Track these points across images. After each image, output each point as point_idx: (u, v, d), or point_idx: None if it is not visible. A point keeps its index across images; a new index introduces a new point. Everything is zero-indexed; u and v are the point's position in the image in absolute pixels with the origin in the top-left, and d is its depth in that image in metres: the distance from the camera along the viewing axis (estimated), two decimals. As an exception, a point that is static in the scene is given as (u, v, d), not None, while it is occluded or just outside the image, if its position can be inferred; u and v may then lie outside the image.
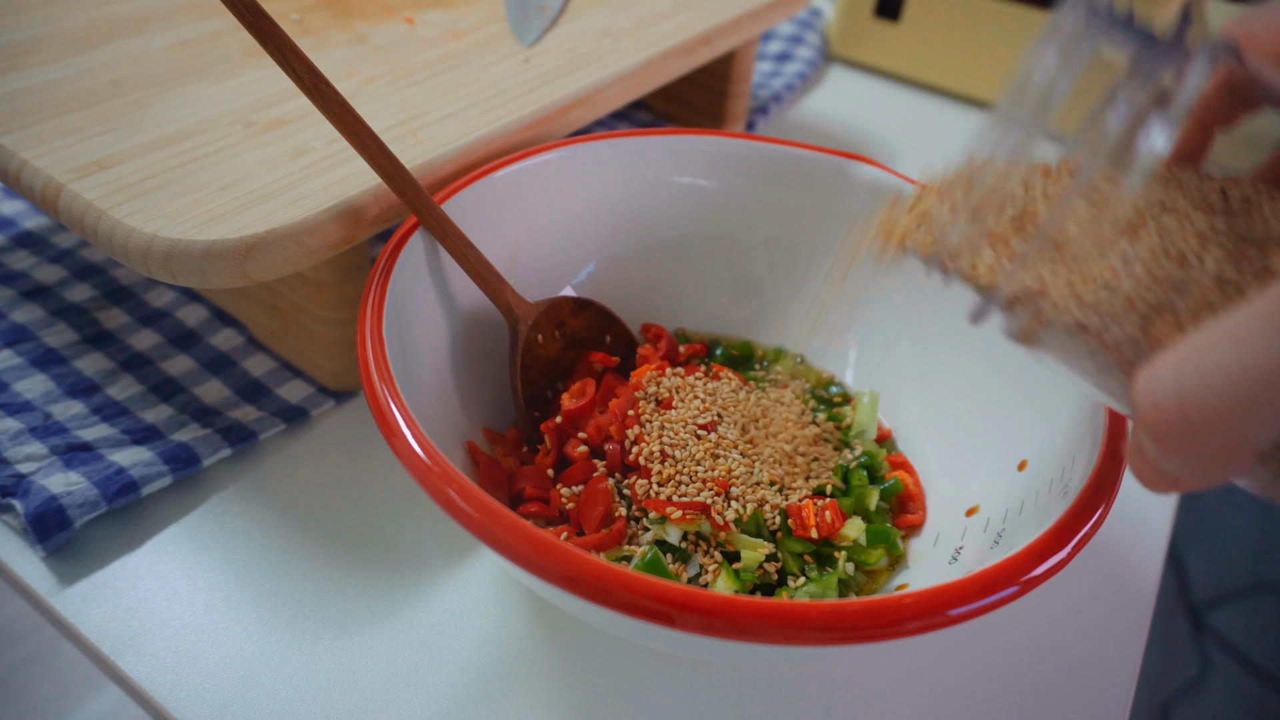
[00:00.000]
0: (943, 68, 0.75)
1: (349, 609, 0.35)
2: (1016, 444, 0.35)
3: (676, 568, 0.34)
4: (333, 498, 0.39)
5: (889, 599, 0.24)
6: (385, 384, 0.28)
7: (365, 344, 0.30)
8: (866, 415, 0.40)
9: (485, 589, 0.36)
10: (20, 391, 0.41)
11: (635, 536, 0.34)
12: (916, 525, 0.37)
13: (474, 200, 0.38)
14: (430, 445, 0.26)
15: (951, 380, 0.40)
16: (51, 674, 1.10)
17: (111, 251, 0.34)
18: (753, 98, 0.69)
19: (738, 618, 0.23)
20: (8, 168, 0.36)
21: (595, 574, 0.23)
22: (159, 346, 0.44)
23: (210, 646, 0.33)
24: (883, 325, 0.43)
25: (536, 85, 0.44)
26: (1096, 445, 0.29)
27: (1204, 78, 0.21)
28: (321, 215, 0.35)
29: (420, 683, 0.33)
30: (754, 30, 0.55)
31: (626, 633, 0.28)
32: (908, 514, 0.38)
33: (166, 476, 0.38)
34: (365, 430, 0.42)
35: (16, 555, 0.35)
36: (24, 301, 0.45)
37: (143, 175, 0.36)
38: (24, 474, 0.36)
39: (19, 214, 0.51)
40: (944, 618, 0.24)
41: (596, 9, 0.52)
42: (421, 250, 0.35)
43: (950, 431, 0.39)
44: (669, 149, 0.43)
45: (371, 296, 0.31)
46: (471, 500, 0.25)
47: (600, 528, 0.34)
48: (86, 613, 0.34)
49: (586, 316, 0.40)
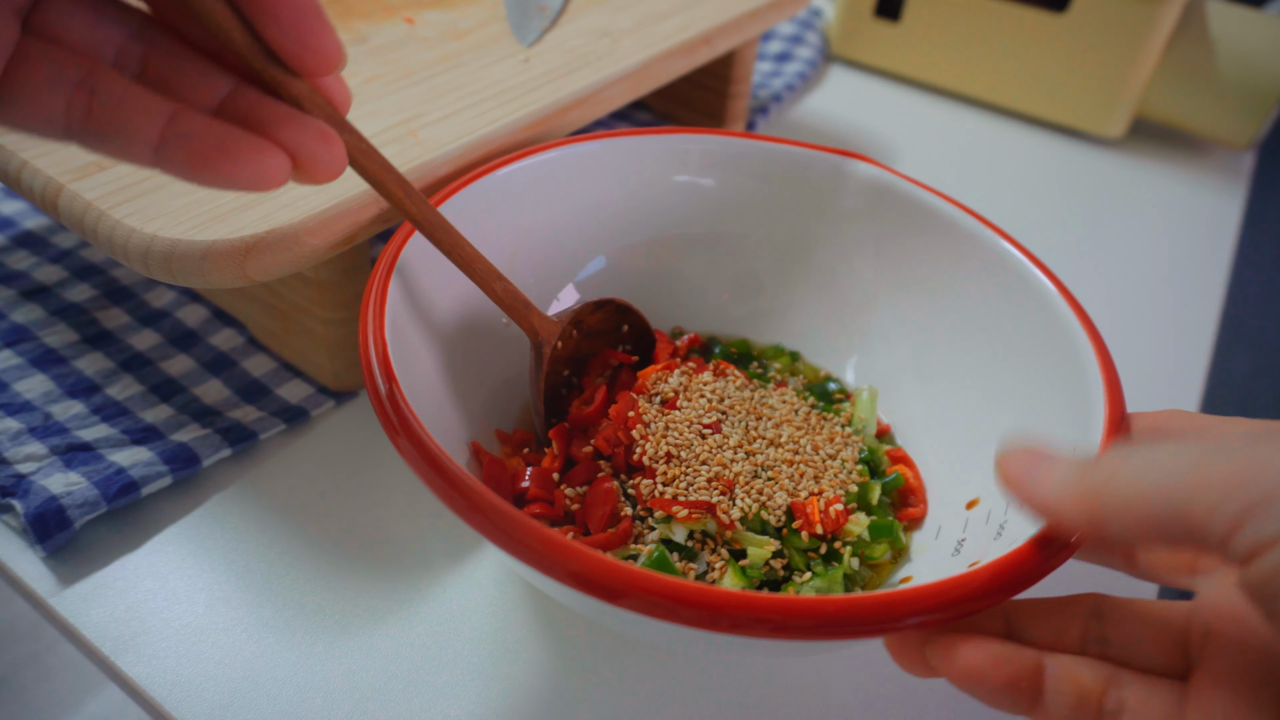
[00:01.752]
0: (943, 68, 0.75)
1: (349, 609, 0.35)
2: (1014, 433, 0.35)
3: (684, 566, 0.34)
4: (333, 498, 0.39)
5: (901, 592, 0.24)
6: (388, 382, 0.28)
7: (368, 342, 0.29)
8: (866, 410, 0.41)
9: (486, 589, 0.36)
10: (20, 391, 0.41)
11: (641, 536, 0.34)
12: (918, 518, 0.37)
13: (473, 200, 0.38)
14: (435, 443, 0.26)
15: (948, 375, 0.40)
16: (51, 674, 1.10)
17: (111, 252, 0.34)
18: (753, 98, 0.69)
19: (750, 613, 0.23)
20: (8, 168, 0.36)
21: (605, 571, 0.23)
22: (159, 346, 0.44)
23: (210, 647, 0.33)
24: (882, 323, 0.43)
25: (536, 85, 0.44)
26: (1097, 435, 0.29)
27: None
28: (322, 215, 0.35)
29: (420, 683, 0.33)
30: (754, 30, 0.55)
31: (636, 630, 0.28)
32: (909, 507, 0.38)
33: (166, 477, 0.38)
34: (365, 430, 0.42)
35: (16, 555, 0.35)
36: (24, 301, 0.45)
37: (143, 175, 0.36)
38: (24, 474, 0.36)
39: (19, 214, 0.51)
40: (956, 610, 0.24)
41: (596, 9, 0.52)
42: (423, 250, 0.35)
43: (948, 425, 0.39)
44: (666, 148, 0.43)
45: (373, 295, 0.31)
46: (478, 499, 0.25)
47: (605, 527, 0.34)
48: (86, 613, 0.34)
49: (605, 312, 0.40)
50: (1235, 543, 0.19)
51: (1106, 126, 0.71)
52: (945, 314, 0.40)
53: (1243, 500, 0.19)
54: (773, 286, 0.45)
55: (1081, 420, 0.31)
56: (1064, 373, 0.33)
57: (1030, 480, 0.24)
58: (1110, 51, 0.67)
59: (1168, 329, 0.56)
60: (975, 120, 0.74)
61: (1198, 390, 0.52)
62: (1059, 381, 0.33)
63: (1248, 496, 0.19)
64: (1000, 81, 0.73)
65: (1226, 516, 0.19)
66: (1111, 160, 0.71)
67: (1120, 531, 0.22)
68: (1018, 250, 0.37)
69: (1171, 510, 0.20)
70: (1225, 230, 0.66)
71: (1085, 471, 0.23)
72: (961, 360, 0.39)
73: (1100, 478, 0.22)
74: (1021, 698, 0.23)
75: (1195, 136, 0.74)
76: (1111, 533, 0.22)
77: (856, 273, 0.43)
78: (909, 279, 0.42)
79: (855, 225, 0.43)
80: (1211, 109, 0.68)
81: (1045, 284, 0.35)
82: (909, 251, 0.41)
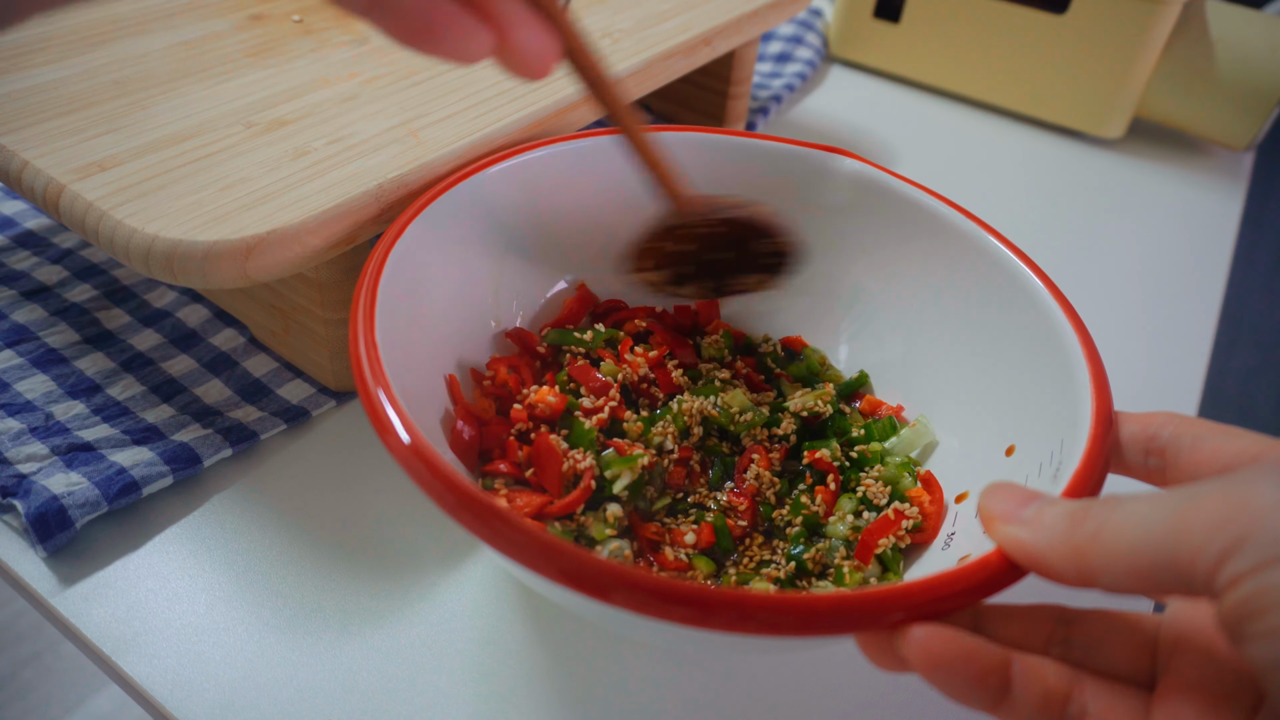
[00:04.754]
0: (943, 68, 0.75)
1: (350, 609, 0.35)
2: (1003, 429, 0.35)
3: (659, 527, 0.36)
4: (333, 498, 0.39)
5: (895, 587, 0.24)
6: (380, 386, 0.28)
7: (358, 342, 0.29)
8: (912, 438, 0.39)
9: (487, 588, 0.36)
10: (21, 392, 0.41)
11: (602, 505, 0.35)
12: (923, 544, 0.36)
13: (469, 196, 0.38)
14: (425, 442, 0.26)
15: (937, 370, 0.40)
16: (52, 674, 1.10)
17: (113, 252, 0.34)
18: (753, 98, 0.69)
19: (736, 610, 0.23)
20: (9, 168, 0.36)
21: (594, 569, 0.23)
22: (160, 347, 0.44)
23: (211, 647, 0.33)
24: (871, 320, 0.43)
25: (536, 85, 0.45)
26: (1085, 428, 0.29)
27: None
28: (323, 216, 0.35)
29: (420, 683, 0.33)
30: (754, 31, 0.56)
31: (626, 628, 0.28)
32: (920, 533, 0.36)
33: (167, 477, 0.38)
34: (366, 430, 0.42)
35: (17, 555, 0.35)
36: (25, 302, 0.45)
37: (144, 176, 0.36)
38: (25, 474, 0.36)
39: (20, 214, 0.51)
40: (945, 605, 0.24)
41: (596, 9, 0.52)
42: (414, 248, 0.35)
43: (936, 421, 0.39)
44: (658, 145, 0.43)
45: (363, 295, 0.31)
46: (468, 498, 0.25)
47: (563, 488, 0.35)
48: (87, 613, 0.34)
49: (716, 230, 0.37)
50: (1217, 582, 0.20)
51: (1106, 127, 0.71)
52: (933, 310, 0.40)
53: (1223, 541, 0.20)
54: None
55: (1069, 418, 0.31)
56: (1052, 370, 0.33)
57: (1015, 526, 0.24)
58: (1110, 52, 0.67)
59: (1167, 329, 0.56)
60: (975, 121, 0.75)
61: (1197, 390, 0.52)
62: (1047, 378, 0.33)
63: (1228, 537, 0.20)
64: (1000, 82, 0.73)
65: (1209, 560, 0.20)
66: (1111, 161, 0.71)
67: (1109, 584, 0.22)
68: (1005, 246, 0.37)
69: (1158, 560, 0.21)
70: (1224, 231, 0.66)
71: (1073, 523, 0.23)
72: (950, 356, 0.39)
73: (1087, 532, 0.22)
74: (988, 694, 0.23)
75: (1194, 137, 0.74)
76: (1102, 586, 0.22)
77: (845, 269, 0.43)
78: (897, 274, 0.42)
79: (843, 221, 0.43)
80: (1211, 109, 0.68)
81: (1033, 281, 0.35)
82: (897, 247, 0.41)
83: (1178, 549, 0.20)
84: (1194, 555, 0.20)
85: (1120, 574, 0.22)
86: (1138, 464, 0.29)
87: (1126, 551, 0.21)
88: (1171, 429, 0.28)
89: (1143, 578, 0.21)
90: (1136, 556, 0.21)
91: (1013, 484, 0.26)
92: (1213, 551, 0.20)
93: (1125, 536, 0.22)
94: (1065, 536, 0.23)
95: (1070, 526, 0.23)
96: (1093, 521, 0.23)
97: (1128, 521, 0.22)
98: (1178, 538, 0.20)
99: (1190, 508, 0.21)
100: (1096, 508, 0.23)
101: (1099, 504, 0.23)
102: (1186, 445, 0.27)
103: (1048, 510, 0.24)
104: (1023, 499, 0.25)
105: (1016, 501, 0.25)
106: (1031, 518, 0.24)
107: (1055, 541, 0.23)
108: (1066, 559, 0.23)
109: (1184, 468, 0.27)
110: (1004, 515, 0.25)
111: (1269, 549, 0.19)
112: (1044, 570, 0.24)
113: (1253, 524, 0.19)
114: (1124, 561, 0.21)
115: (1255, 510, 0.20)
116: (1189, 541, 0.20)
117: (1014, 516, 0.25)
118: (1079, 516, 0.23)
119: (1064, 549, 0.23)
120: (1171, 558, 0.21)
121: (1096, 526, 0.22)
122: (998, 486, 0.26)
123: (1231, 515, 0.20)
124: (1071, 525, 0.23)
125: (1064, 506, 0.24)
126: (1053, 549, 0.23)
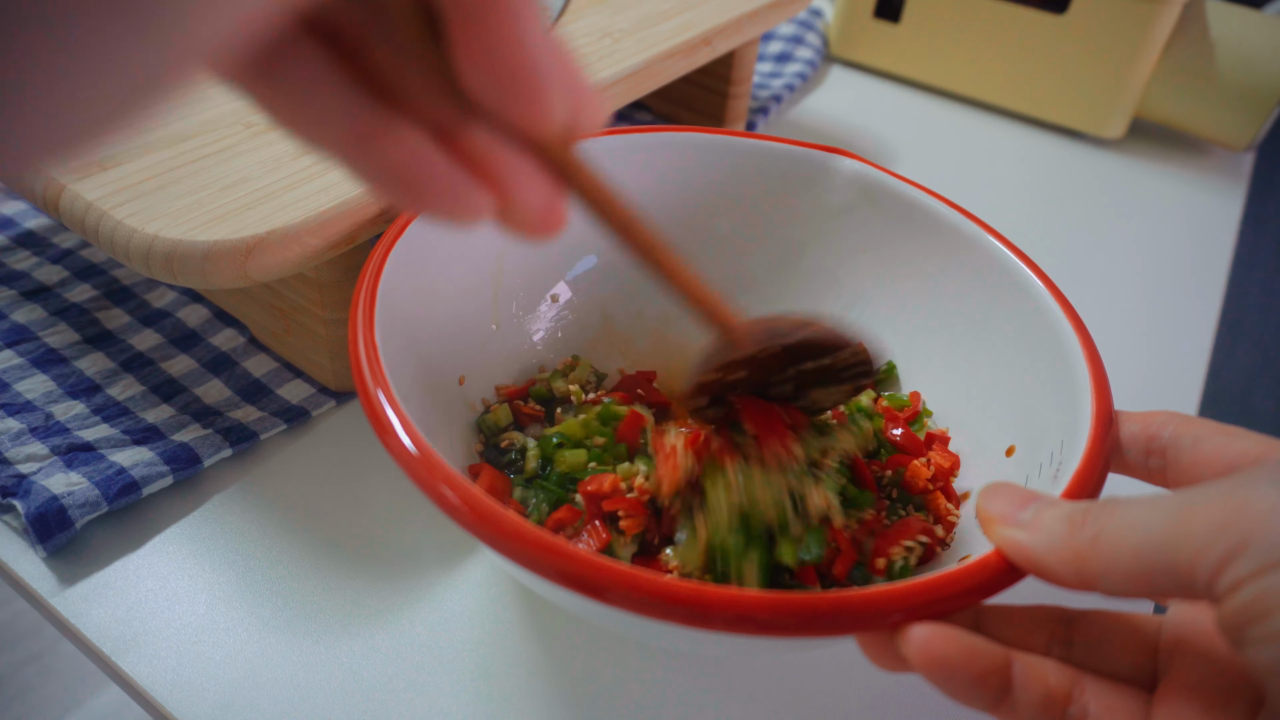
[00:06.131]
0: (943, 68, 0.75)
1: (349, 609, 0.35)
2: (1003, 430, 0.35)
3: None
4: (333, 498, 0.39)
5: (895, 588, 0.24)
6: (380, 386, 0.28)
7: (358, 343, 0.29)
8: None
9: (487, 588, 0.36)
10: (21, 392, 0.41)
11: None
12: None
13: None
14: (423, 442, 0.26)
15: (938, 370, 0.40)
16: (52, 674, 1.10)
17: (113, 252, 0.34)
18: (753, 98, 0.69)
19: (736, 611, 0.23)
20: (9, 168, 0.36)
21: (591, 569, 0.23)
22: (160, 347, 0.44)
23: (211, 647, 0.33)
24: (872, 322, 0.43)
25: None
26: (1085, 429, 0.29)
27: None
28: (323, 216, 0.35)
29: (420, 683, 0.33)
30: (754, 31, 0.56)
31: (624, 628, 0.28)
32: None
33: (167, 477, 0.38)
34: (366, 430, 0.42)
35: (17, 555, 0.35)
36: (25, 301, 0.45)
37: (144, 176, 0.36)
38: (25, 474, 0.36)
39: (20, 214, 0.51)
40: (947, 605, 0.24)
41: (596, 9, 0.52)
42: (414, 248, 0.35)
43: (937, 419, 0.39)
44: (657, 146, 0.43)
45: (363, 295, 0.31)
46: (469, 500, 0.25)
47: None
48: (87, 613, 0.34)
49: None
50: (1218, 587, 0.20)
51: (1106, 127, 0.71)
52: (933, 310, 0.40)
53: (1224, 546, 0.20)
54: (764, 284, 0.45)
55: (1069, 418, 0.31)
56: (1052, 370, 0.33)
57: (1014, 529, 0.24)
58: (1110, 52, 0.67)
59: (1167, 329, 0.56)
60: (975, 121, 0.75)
61: (1197, 390, 0.52)
62: (1047, 378, 0.33)
63: (1228, 541, 0.20)
64: (1000, 82, 0.73)
65: (1210, 564, 0.20)
66: (1111, 161, 0.71)
67: (1110, 588, 0.22)
68: (1005, 246, 0.37)
69: (1158, 564, 0.21)
70: (1224, 231, 0.66)
71: (1072, 526, 0.23)
72: (950, 356, 0.40)
73: (1087, 536, 0.22)
74: (989, 694, 0.23)
75: (1194, 137, 0.74)
76: (1101, 589, 0.22)
77: (847, 269, 0.43)
78: (897, 275, 0.42)
79: (844, 221, 0.43)
80: (1211, 110, 0.68)
81: (1033, 281, 0.35)
82: (897, 247, 0.41)
83: (1177, 553, 0.20)
84: (1194, 560, 0.20)
85: (1120, 578, 0.22)
86: (1138, 464, 0.29)
87: (1126, 556, 0.21)
88: (1172, 429, 0.28)
89: (1142, 582, 0.21)
90: (1136, 561, 0.21)
91: (1011, 485, 0.26)
92: (1213, 556, 0.20)
93: (1125, 541, 0.22)
94: (1064, 540, 0.23)
95: (1069, 530, 0.23)
96: (1092, 525, 0.22)
97: (1127, 525, 0.22)
98: (1177, 542, 0.20)
99: (1190, 511, 0.21)
100: (1095, 510, 0.23)
101: (1098, 507, 0.23)
102: (1187, 445, 0.27)
103: (1046, 513, 0.24)
104: (1021, 500, 0.25)
105: (1015, 503, 0.25)
106: (1030, 520, 0.24)
107: (1054, 545, 0.23)
108: (1066, 563, 0.23)
109: (1185, 468, 0.27)
110: (1002, 517, 0.25)
111: (1269, 553, 0.19)
112: (1043, 573, 0.24)
113: (1253, 528, 0.19)
114: (1123, 566, 0.21)
115: (1255, 514, 0.20)
116: (1189, 546, 0.20)
117: (1012, 519, 0.25)
118: (1078, 520, 0.23)
119: (1063, 553, 0.23)
120: (1171, 562, 0.20)
121: (1096, 530, 0.22)
122: (996, 487, 0.26)
123: (1231, 519, 0.20)
124: (1070, 529, 0.23)
125: (1063, 509, 0.24)
126: (1051, 552, 0.23)
